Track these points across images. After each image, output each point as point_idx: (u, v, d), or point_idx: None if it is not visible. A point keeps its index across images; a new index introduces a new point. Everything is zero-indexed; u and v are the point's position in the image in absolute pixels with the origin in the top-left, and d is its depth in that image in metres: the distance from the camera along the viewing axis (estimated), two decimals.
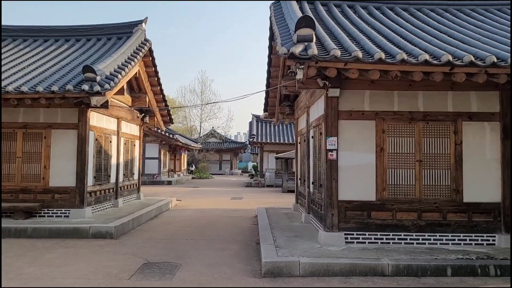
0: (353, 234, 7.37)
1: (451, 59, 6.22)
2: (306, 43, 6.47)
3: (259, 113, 29.46)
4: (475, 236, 7.39)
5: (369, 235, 7.38)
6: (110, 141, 12.18)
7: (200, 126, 46.93)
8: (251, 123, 32.98)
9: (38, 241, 8.55)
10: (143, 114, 14.81)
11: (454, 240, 7.36)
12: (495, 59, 6.20)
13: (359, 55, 6.29)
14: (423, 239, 7.36)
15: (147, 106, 14.12)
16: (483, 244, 7.34)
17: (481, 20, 9.64)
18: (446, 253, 6.79)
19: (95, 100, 9.51)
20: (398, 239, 7.36)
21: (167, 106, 15.57)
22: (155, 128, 23.87)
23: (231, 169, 52.16)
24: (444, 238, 7.37)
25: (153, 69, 13.51)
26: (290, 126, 29.85)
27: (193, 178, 38.06)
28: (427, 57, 6.26)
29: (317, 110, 8.96)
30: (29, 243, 8.35)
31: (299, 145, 12.38)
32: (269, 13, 9.94)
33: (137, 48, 12.22)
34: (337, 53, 6.29)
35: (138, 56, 11.93)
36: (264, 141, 29.58)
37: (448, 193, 7.49)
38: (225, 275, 6.30)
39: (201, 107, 44.03)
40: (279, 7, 9.74)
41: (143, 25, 13.22)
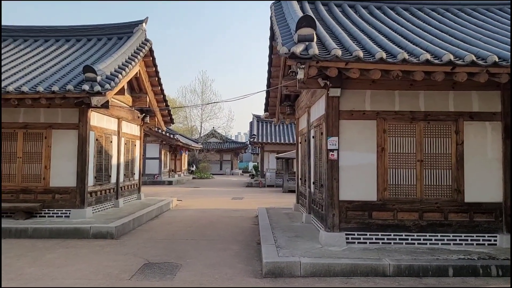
0: (354, 234, 7.36)
1: (452, 58, 6.20)
2: (307, 43, 6.45)
3: (259, 113, 29.46)
4: (476, 236, 7.37)
5: (370, 235, 7.36)
6: (111, 141, 12.18)
7: (201, 126, 46.96)
8: (251, 123, 32.98)
9: (39, 241, 8.55)
10: (143, 114, 14.81)
11: (456, 240, 7.34)
12: (496, 58, 6.18)
13: (360, 54, 6.27)
14: (424, 239, 7.34)
15: (147, 106, 14.12)
16: (484, 244, 7.32)
17: (482, 19, 9.62)
18: (447, 253, 6.77)
19: (95, 100, 9.50)
20: (400, 239, 7.34)
21: (167, 106, 15.57)
22: (156, 128, 23.85)
23: (231, 169, 52.14)
24: (446, 238, 7.35)
25: (154, 69, 13.51)
26: (290, 126, 29.82)
27: (193, 178, 38.06)
28: (428, 56, 6.24)
29: (318, 110, 8.94)
30: (30, 243, 8.35)
31: (299, 145, 12.36)
32: (269, 13, 9.94)
33: (137, 48, 12.21)
34: (338, 52, 6.27)
35: (139, 56, 11.93)
36: (265, 141, 29.56)
37: (449, 193, 7.47)
38: (226, 275, 6.29)
39: (202, 107, 44.06)
40: (279, 7, 9.73)
41: (143, 25, 13.22)
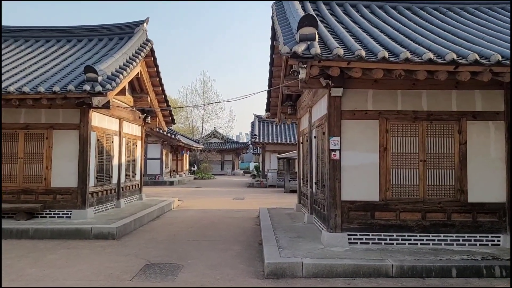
0: (357, 235, 7.31)
1: (455, 57, 6.15)
2: (308, 42, 6.41)
3: (261, 113, 29.40)
4: (479, 237, 7.32)
5: (372, 235, 7.32)
6: (112, 142, 12.16)
7: (202, 126, 46.95)
8: (253, 123, 32.94)
9: (40, 242, 8.53)
10: (145, 115, 14.79)
11: (459, 240, 7.29)
12: (500, 57, 6.13)
13: (363, 54, 6.23)
14: (427, 240, 7.30)
15: (149, 107, 14.11)
16: (488, 245, 7.27)
17: (485, 18, 9.56)
18: (450, 254, 6.73)
19: (96, 100, 9.48)
20: (402, 239, 7.30)
21: (169, 107, 15.55)
22: (157, 129, 23.85)
23: (233, 169, 52.10)
24: (449, 238, 7.30)
25: (155, 69, 13.49)
26: (292, 126, 29.78)
27: (195, 178, 38.04)
28: (431, 55, 6.20)
29: (319, 110, 8.90)
30: (31, 244, 8.33)
31: (301, 145, 12.32)
32: (269, 13, 9.92)
33: (138, 48, 12.20)
34: (340, 52, 6.23)
35: (140, 57, 11.91)
36: (266, 141, 29.52)
37: (452, 193, 7.42)
38: (228, 276, 6.25)
39: (203, 107, 44.05)
40: (281, 6, 9.70)
41: (144, 25, 13.19)
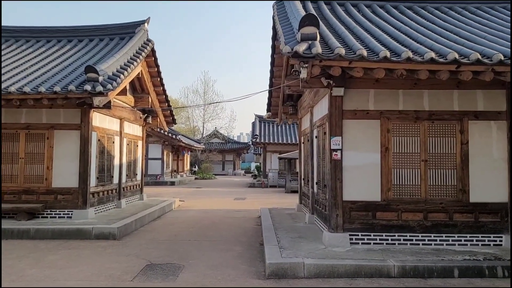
0: (358, 235, 7.29)
1: (457, 57, 6.13)
2: (310, 42, 6.38)
3: (262, 114, 29.37)
4: (482, 237, 7.29)
5: (374, 236, 7.29)
6: (113, 142, 12.15)
7: (203, 126, 46.92)
8: (254, 123, 32.94)
9: (41, 242, 8.52)
10: (145, 115, 14.77)
11: (461, 240, 7.26)
12: (502, 57, 6.10)
13: (364, 53, 6.21)
14: (429, 240, 7.27)
15: (150, 107, 14.10)
16: (490, 245, 7.24)
17: (486, 18, 9.53)
18: (452, 254, 6.70)
19: (97, 100, 9.47)
20: (404, 240, 7.27)
21: (170, 107, 15.54)
22: (158, 129, 23.87)
23: (234, 169, 52.10)
24: (451, 238, 7.27)
25: (156, 69, 13.48)
26: (293, 126, 29.77)
27: (196, 178, 38.03)
28: (433, 55, 6.17)
29: (321, 110, 8.87)
30: (32, 244, 8.32)
31: (302, 145, 12.30)
32: (270, 13, 9.90)
33: (139, 49, 12.19)
34: (342, 51, 6.21)
35: (141, 57, 11.90)
36: (267, 141, 29.51)
37: (454, 193, 7.39)
38: (229, 276, 6.23)
39: (204, 108, 44.02)
40: (282, 6, 9.67)
41: (145, 25, 13.18)
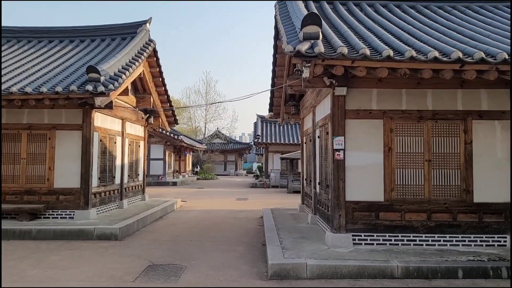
0: (361, 236, 7.24)
1: (461, 56, 6.08)
2: (312, 41, 6.35)
3: (263, 114, 29.32)
4: (486, 237, 7.23)
5: (377, 236, 7.24)
6: (115, 142, 12.13)
7: (205, 127, 46.85)
8: (255, 123, 32.90)
9: (43, 242, 8.50)
10: (147, 115, 14.77)
11: (465, 241, 7.20)
12: (506, 56, 6.05)
13: (367, 52, 6.17)
14: (432, 241, 7.21)
15: (151, 107, 14.08)
16: (494, 245, 7.18)
17: (490, 17, 9.46)
18: (456, 255, 6.65)
19: (99, 100, 9.45)
20: (407, 240, 7.22)
21: (171, 107, 15.51)
22: (160, 129, 23.89)
23: (236, 170, 52.06)
24: (454, 239, 7.21)
25: (158, 69, 13.45)
26: (295, 126, 29.73)
27: (198, 179, 38.02)
28: (436, 54, 6.12)
29: (323, 110, 8.83)
30: (34, 244, 8.30)
31: (304, 145, 12.25)
32: (272, 13, 9.86)
33: (141, 49, 12.17)
34: (344, 50, 6.17)
35: (142, 57, 11.88)
36: (269, 141, 29.47)
37: (458, 193, 7.33)
38: (231, 277, 6.20)
39: (206, 108, 43.99)
40: (284, 5, 9.63)
41: (147, 25, 13.17)
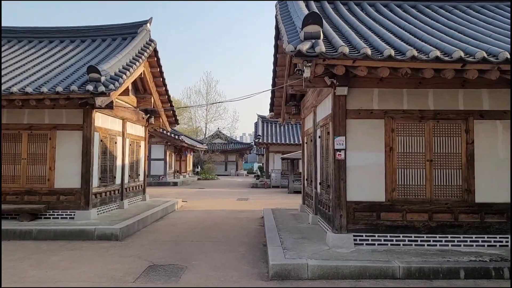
0: (362, 236, 7.22)
1: (463, 55, 6.06)
2: (313, 40, 6.32)
3: (264, 114, 29.31)
4: (487, 238, 7.19)
5: (378, 236, 7.21)
6: (115, 142, 12.12)
7: (206, 127, 46.88)
8: (256, 123, 32.88)
9: (43, 243, 8.49)
10: (148, 115, 14.76)
11: (466, 241, 7.17)
12: (508, 55, 6.02)
13: (368, 52, 6.14)
14: (434, 241, 7.18)
15: (152, 107, 14.07)
16: (496, 246, 7.15)
17: (491, 16, 9.43)
18: (458, 255, 6.62)
19: (99, 100, 9.43)
20: (409, 240, 7.19)
21: (172, 107, 15.50)
22: (161, 129, 23.87)
23: (236, 170, 52.04)
24: (456, 239, 7.18)
25: (158, 69, 13.44)
26: (296, 126, 29.69)
27: (198, 179, 38.01)
28: (438, 53, 6.09)
29: (324, 110, 8.81)
30: (34, 245, 8.29)
31: (305, 145, 12.23)
32: (273, 12, 9.83)
33: (142, 49, 12.16)
34: (346, 50, 6.14)
35: (143, 57, 11.87)
36: (270, 141, 29.44)
37: (459, 193, 7.30)
38: (232, 278, 6.18)
39: (206, 108, 44.00)
40: (285, 5, 9.61)
41: (148, 25, 13.16)
